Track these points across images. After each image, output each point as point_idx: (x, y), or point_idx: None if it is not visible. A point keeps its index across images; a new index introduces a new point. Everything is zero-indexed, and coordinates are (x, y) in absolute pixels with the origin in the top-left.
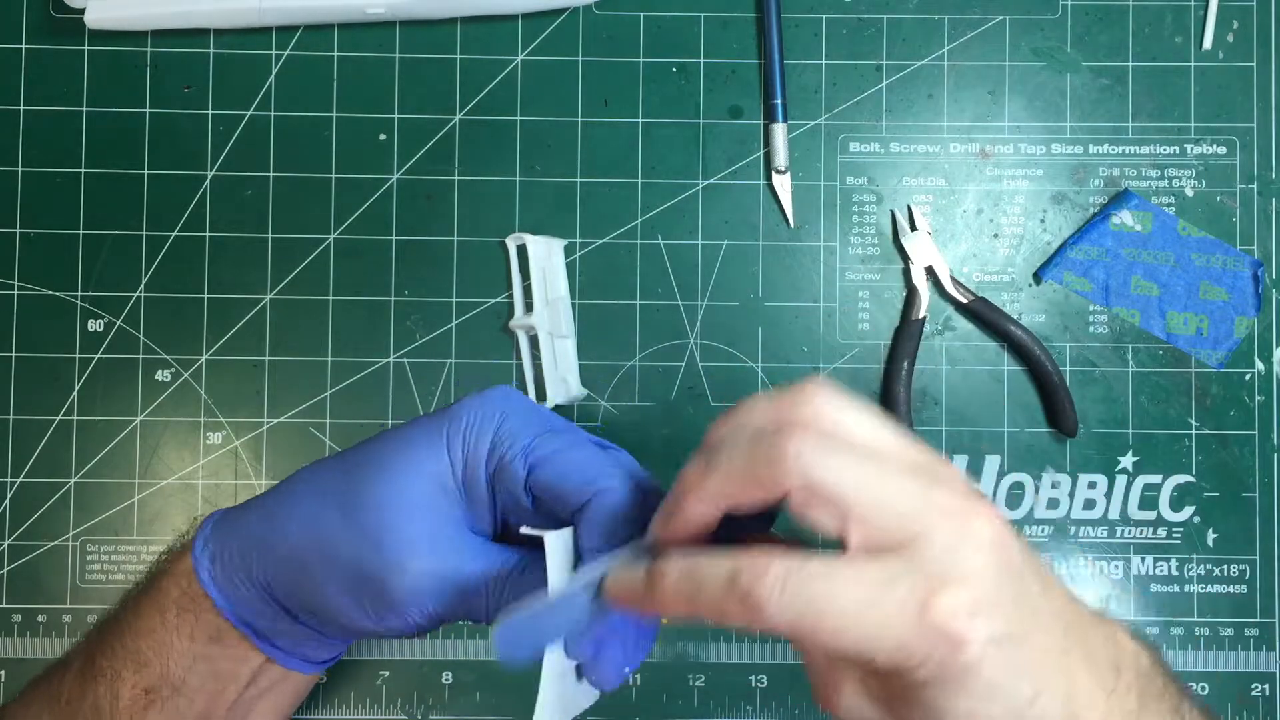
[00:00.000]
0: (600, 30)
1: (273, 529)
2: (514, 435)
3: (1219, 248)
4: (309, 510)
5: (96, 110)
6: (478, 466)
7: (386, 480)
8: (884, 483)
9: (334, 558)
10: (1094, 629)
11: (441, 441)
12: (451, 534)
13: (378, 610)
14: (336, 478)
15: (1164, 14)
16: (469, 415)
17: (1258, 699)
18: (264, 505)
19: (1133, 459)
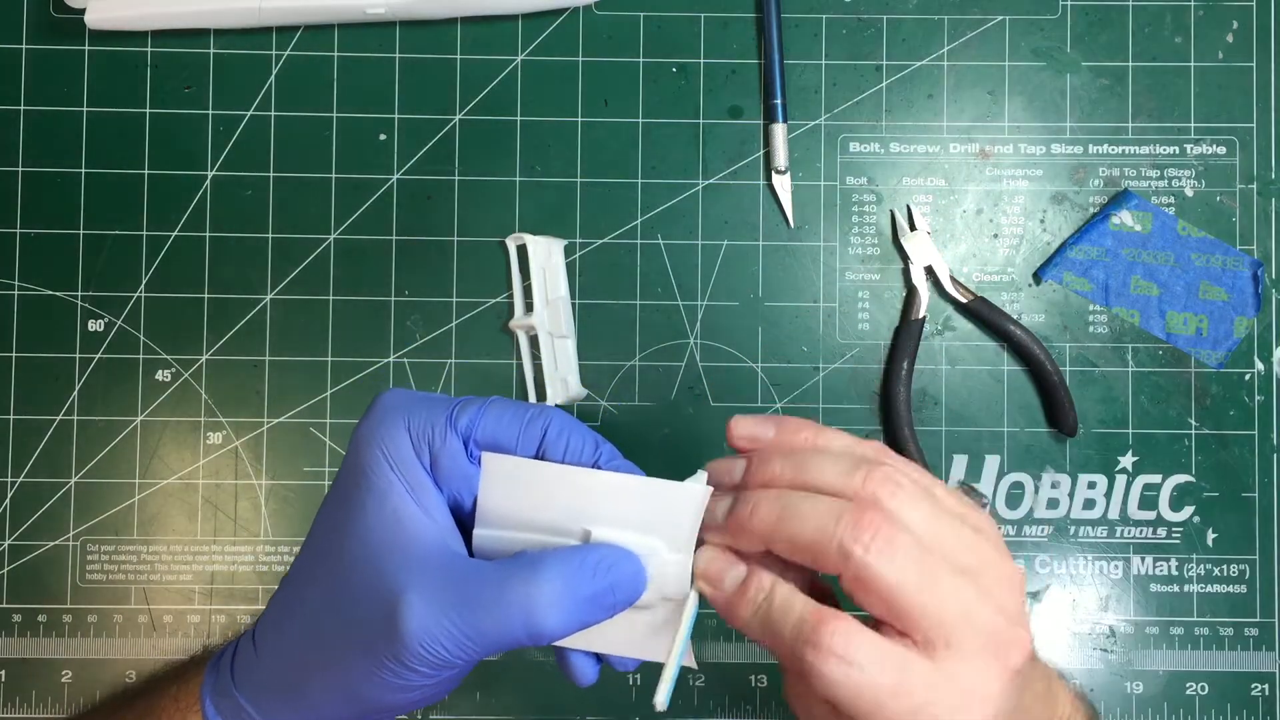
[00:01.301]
0: (600, 30)
1: (277, 659)
2: (430, 419)
3: (1219, 248)
4: (297, 621)
5: (96, 110)
6: (414, 469)
7: (352, 538)
8: (932, 591)
9: (341, 647)
10: (1037, 696)
11: (371, 474)
12: (432, 550)
13: (399, 661)
14: (305, 573)
15: (1164, 14)
16: (376, 431)
17: (1258, 699)
18: (259, 645)
19: (1132, 459)
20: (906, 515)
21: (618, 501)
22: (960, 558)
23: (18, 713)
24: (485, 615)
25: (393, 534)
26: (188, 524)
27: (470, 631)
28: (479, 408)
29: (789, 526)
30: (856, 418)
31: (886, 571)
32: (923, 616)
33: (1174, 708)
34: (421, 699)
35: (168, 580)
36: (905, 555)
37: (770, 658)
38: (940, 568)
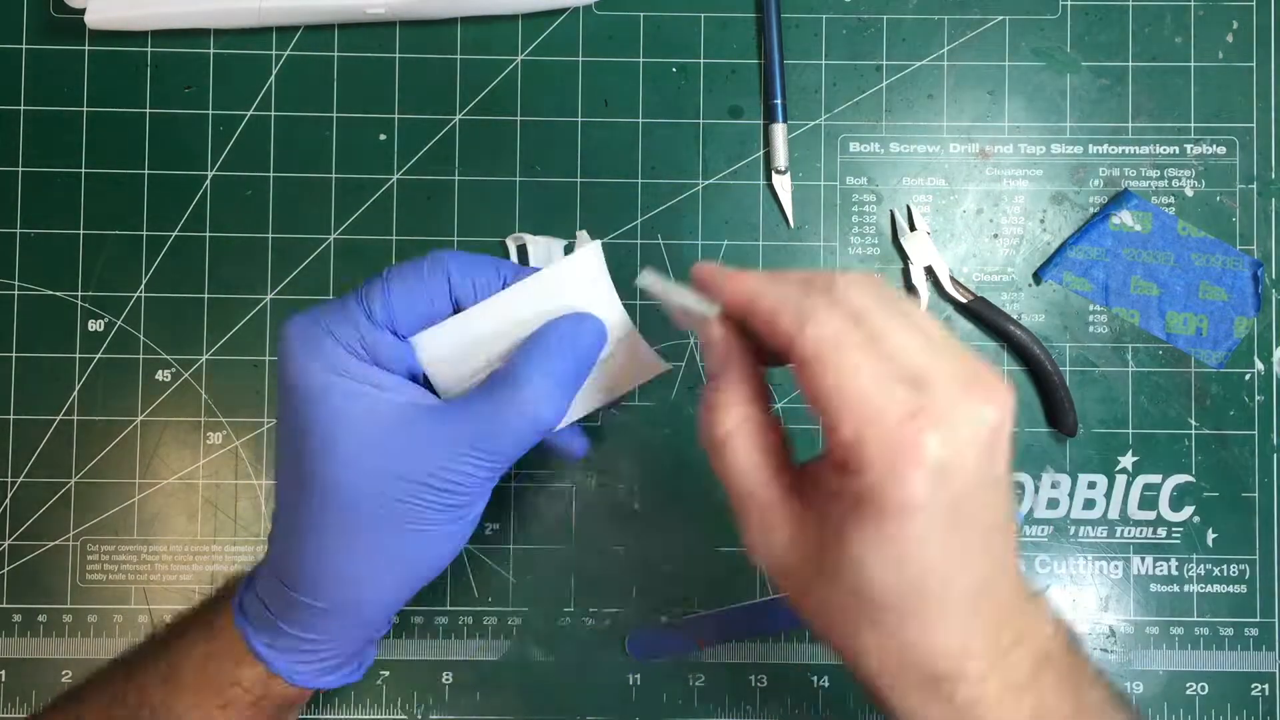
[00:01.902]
0: (600, 30)
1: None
2: (349, 324)
3: (1219, 248)
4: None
5: (96, 110)
6: (361, 368)
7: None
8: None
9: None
10: (1017, 598)
11: (326, 389)
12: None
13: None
14: (299, 498)
15: (1164, 14)
16: (308, 354)
17: (1258, 699)
18: (293, 579)
19: (1132, 459)
20: (889, 289)
21: (539, 301)
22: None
23: (18, 713)
24: (497, 435)
25: (379, 422)
26: (188, 524)
27: (490, 454)
28: (383, 290)
29: (769, 288)
30: None
31: (865, 298)
32: (898, 347)
33: (1174, 708)
34: (465, 535)
35: (168, 580)
36: (884, 299)
37: (771, 658)
38: (916, 325)
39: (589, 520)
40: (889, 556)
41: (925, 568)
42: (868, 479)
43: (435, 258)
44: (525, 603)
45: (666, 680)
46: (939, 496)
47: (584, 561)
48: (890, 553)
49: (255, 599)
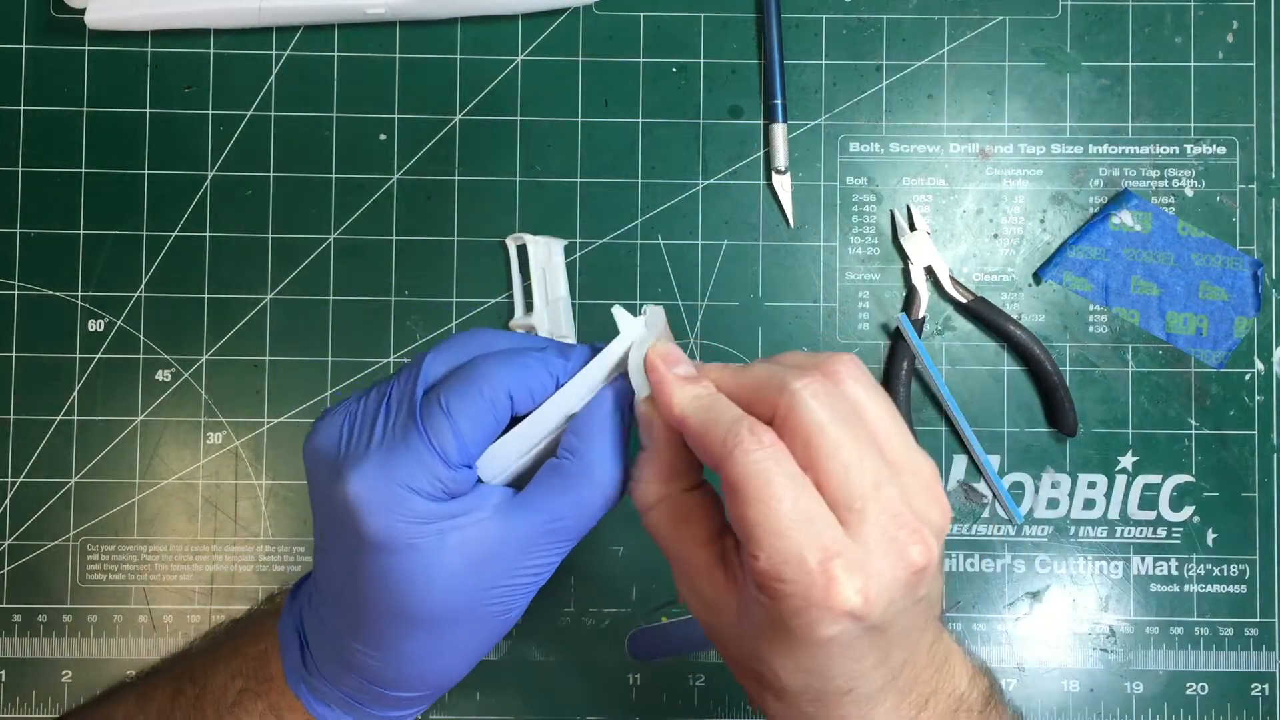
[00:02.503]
0: (600, 30)
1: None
2: (428, 474)
3: (1219, 248)
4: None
5: (96, 110)
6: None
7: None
8: (853, 450)
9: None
10: (930, 667)
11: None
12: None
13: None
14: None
15: (1164, 14)
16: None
17: (1258, 699)
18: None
19: (1132, 459)
20: (853, 388)
21: (587, 386)
22: (889, 445)
23: (18, 713)
24: (578, 523)
25: (472, 550)
26: (188, 524)
27: (571, 537)
28: (452, 429)
29: (747, 371)
30: None
31: (817, 413)
32: (838, 471)
33: (1174, 708)
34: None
35: (168, 580)
36: (839, 410)
37: None
38: (867, 439)
39: None
40: (796, 664)
41: (836, 678)
42: (782, 608)
43: (489, 370)
44: None
45: (666, 680)
46: (850, 629)
47: (584, 561)
48: (797, 662)
49: (308, 668)
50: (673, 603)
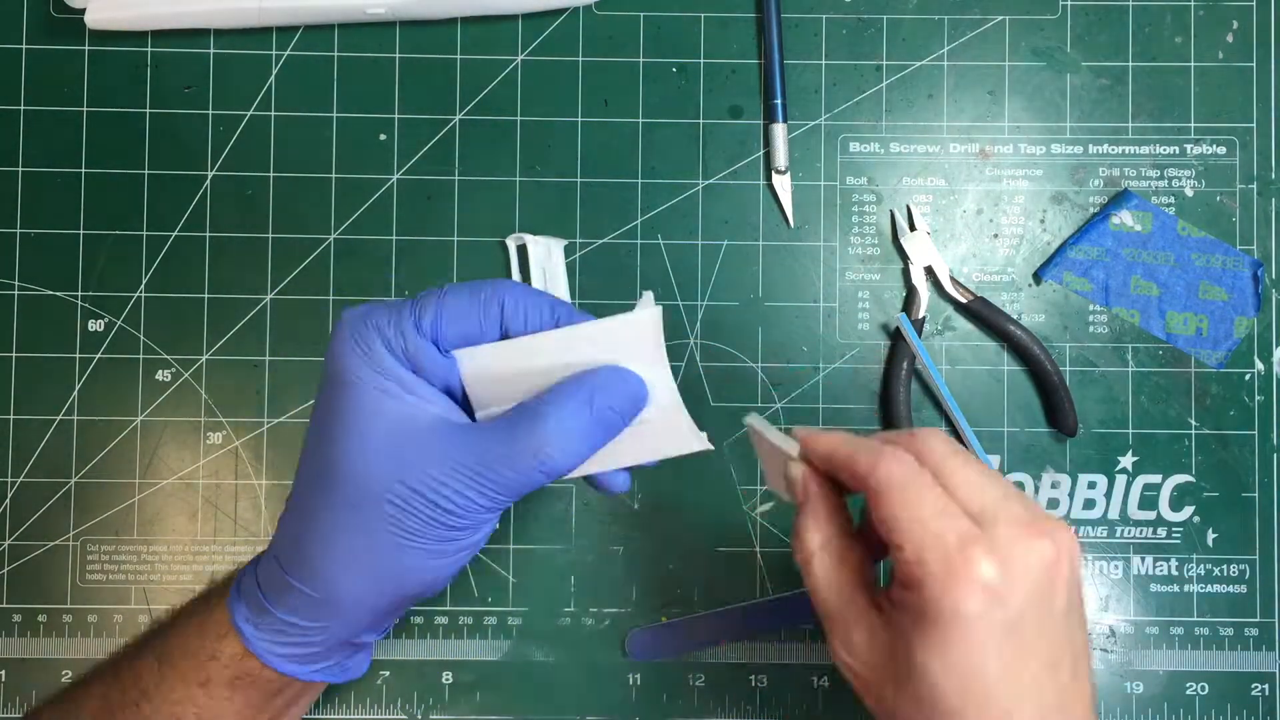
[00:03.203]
0: (600, 30)
1: (307, 571)
2: (397, 327)
3: (1219, 248)
4: (318, 531)
5: (96, 110)
6: (399, 370)
7: (356, 440)
8: (980, 476)
9: (371, 539)
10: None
11: (361, 383)
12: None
13: (440, 524)
14: (313, 488)
15: (1164, 14)
16: (353, 344)
17: (1258, 699)
18: (288, 561)
19: (1132, 459)
20: (935, 457)
21: (588, 348)
22: (977, 498)
23: (18, 713)
24: (503, 466)
25: (400, 425)
26: (188, 524)
27: (493, 484)
28: (437, 303)
29: (847, 442)
30: (856, 418)
31: (941, 446)
32: (966, 486)
33: (1174, 708)
34: (458, 562)
35: (168, 580)
36: (958, 453)
37: (770, 658)
38: (982, 468)
39: (589, 520)
40: (948, 663)
41: (985, 681)
42: (927, 594)
43: (495, 286)
44: (525, 603)
45: (666, 680)
46: (993, 614)
47: (584, 561)
48: (949, 659)
49: (253, 580)
50: (673, 603)
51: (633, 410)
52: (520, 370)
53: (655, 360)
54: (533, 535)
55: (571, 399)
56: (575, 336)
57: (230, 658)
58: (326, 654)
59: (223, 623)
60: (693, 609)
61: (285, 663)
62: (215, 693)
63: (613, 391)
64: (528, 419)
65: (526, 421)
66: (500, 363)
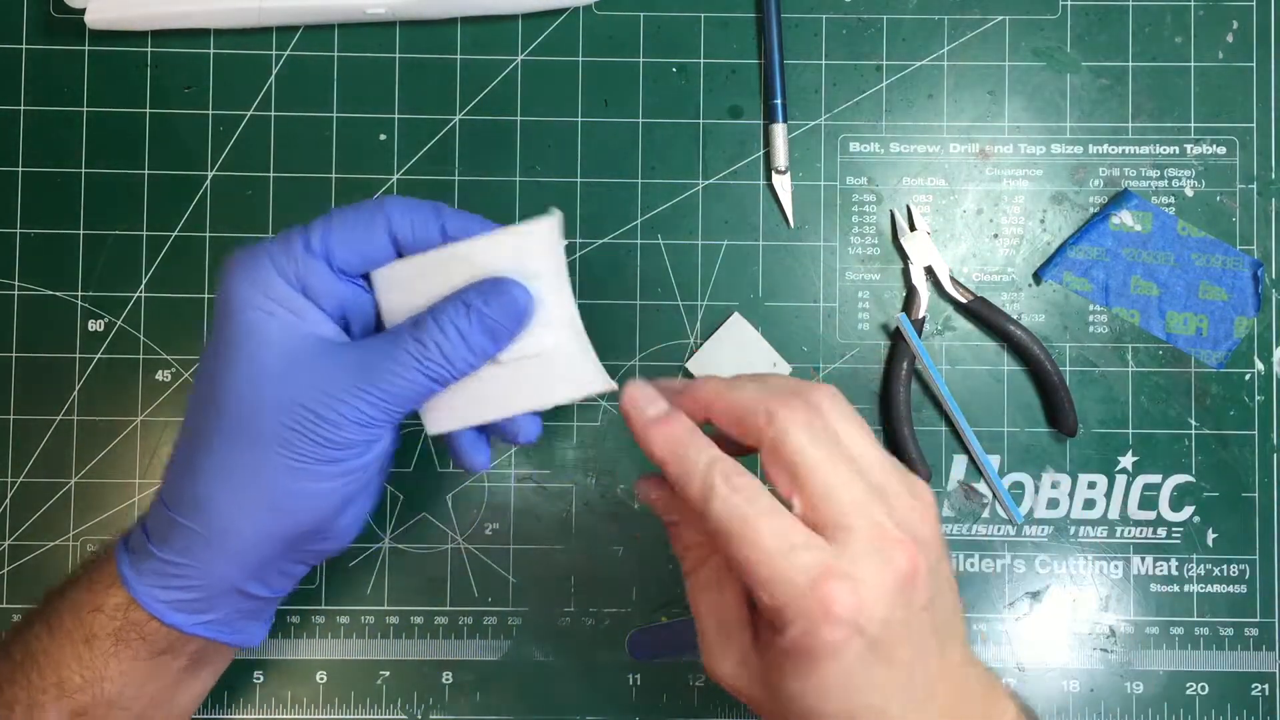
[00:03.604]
0: (600, 30)
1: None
2: (287, 252)
3: (1219, 248)
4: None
5: (96, 110)
6: (291, 296)
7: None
8: (834, 472)
9: (259, 459)
10: (963, 701)
11: (253, 310)
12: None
13: (326, 441)
14: (203, 416)
15: (1164, 14)
16: (246, 275)
17: (1258, 699)
18: (174, 499)
19: (1132, 459)
20: (834, 418)
21: (487, 258)
22: (871, 469)
23: None
24: (387, 373)
25: (288, 347)
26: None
27: (380, 393)
28: (324, 223)
29: (731, 393)
30: None
31: (800, 440)
32: (822, 492)
33: (1174, 708)
34: (350, 491)
35: None
36: (821, 435)
37: None
38: (848, 461)
39: (589, 520)
40: (822, 690)
41: (858, 699)
42: (791, 635)
43: (377, 203)
44: (525, 603)
45: (666, 680)
46: (855, 642)
47: (584, 561)
48: (822, 687)
49: (140, 530)
50: (673, 603)
51: (514, 318)
52: (425, 285)
53: (555, 274)
54: (533, 535)
55: (450, 304)
56: (475, 249)
57: (114, 608)
58: (212, 602)
59: (109, 573)
60: None
61: (169, 611)
62: (99, 648)
63: (490, 295)
64: (409, 325)
65: (408, 328)
66: (407, 278)
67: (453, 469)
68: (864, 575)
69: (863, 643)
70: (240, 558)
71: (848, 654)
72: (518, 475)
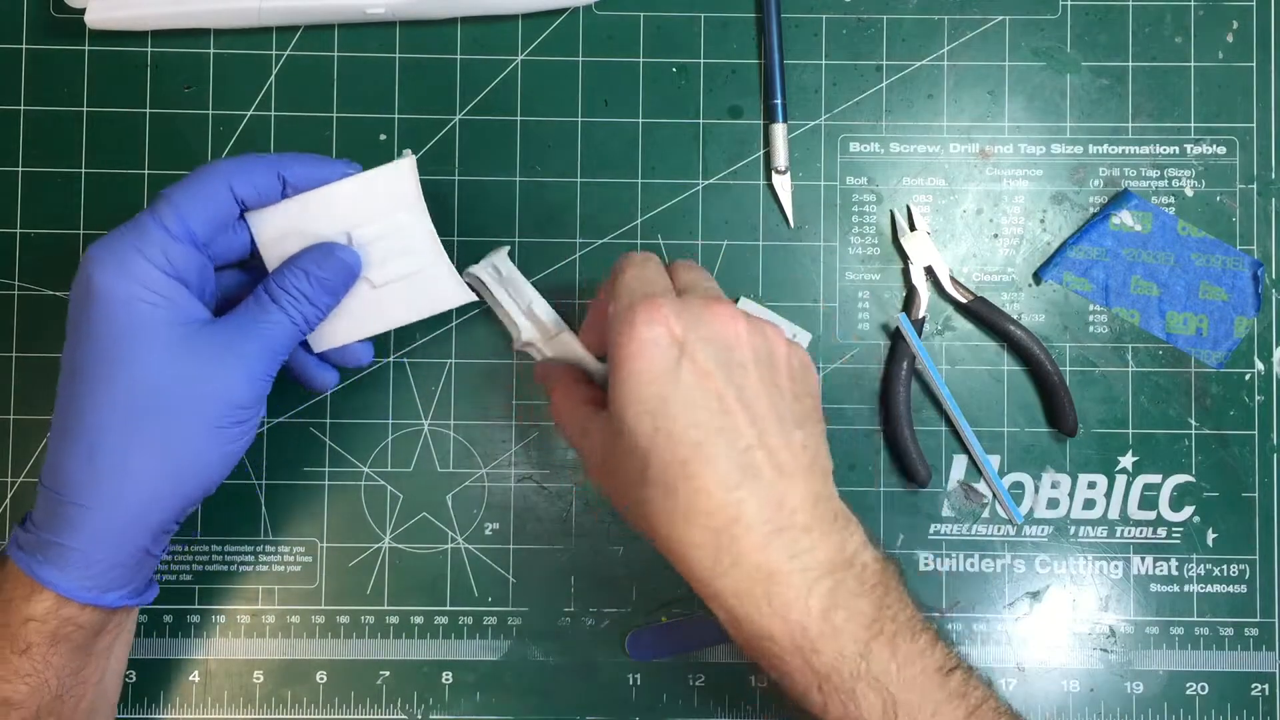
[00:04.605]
0: (600, 30)
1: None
2: (139, 230)
3: (1219, 248)
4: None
5: (96, 110)
6: (165, 282)
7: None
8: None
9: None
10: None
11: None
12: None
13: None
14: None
15: (1164, 14)
16: (111, 271)
17: (1258, 699)
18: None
19: (1132, 459)
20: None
21: (355, 202)
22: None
23: None
24: (266, 333)
25: (169, 332)
26: (187, 524)
27: (263, 349)
28: (171, 207)
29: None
30: (857, 418)
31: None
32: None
33: (1174, 708)
34: (247, 437)
35: (167, 580)
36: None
37: None
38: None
39: (589, 520)
40: (637, 396)
41: (670, 411)
42: (621, 334)
43: (215, 167)
44: (525, 603)
45: (666, 680)
46: (669, 347)
47: (584, 561)
48: (637, 391)
49: (29, 531)
50: (673, 603)
51: (346, 274)
52: (303, 227)
53: (414, 209)
54: (533, 535)
55: (289, 273)
56: (339, 193)
57: (45, 613)
58: (130, 572)
59: (22, 585)
60: (693, 609)
61: (95, 593)
62: (37, 654)
63: (323, 260)
64: (264, 294)
65: (265, 297)
66: (284, 222)
67: (453, 469)
68: (691, 308)
69: (674, 351)
70: (139, 523)
71: (658, 352)
72: (518, 475)
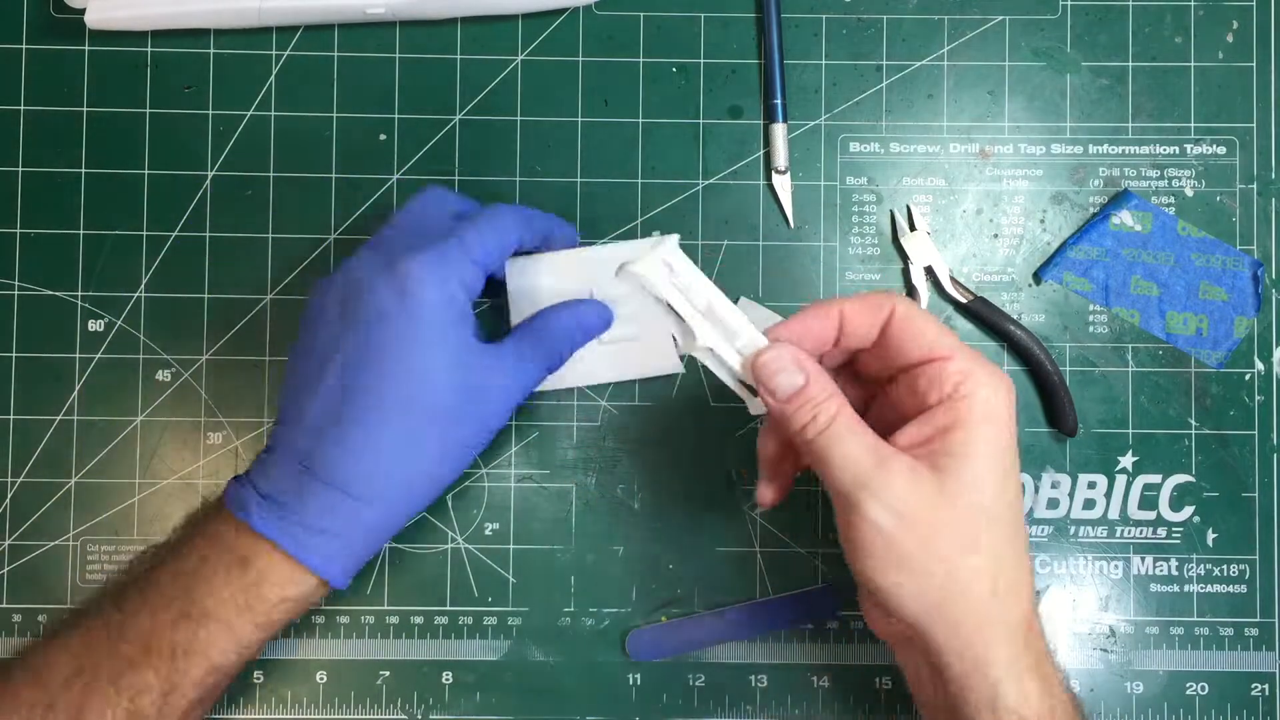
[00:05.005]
0: (600, 30)
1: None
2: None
3: (1219, 248)
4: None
5: (96, 110)
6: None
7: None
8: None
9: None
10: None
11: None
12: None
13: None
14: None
15: (1164, 14)
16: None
17: (1258, 699)
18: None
19: (1132, 459)
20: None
21: (602, 266)
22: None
23: None
24: (527, 372)
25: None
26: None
27: (522, 384)
28: (479, 239)
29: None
30: None
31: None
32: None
33: (1174, 708)
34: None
35: None
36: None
37: (770, 658)
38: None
39: (589, 520)
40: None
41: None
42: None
43: (519, 212)
44: (525, 603)
45: (666, 680)
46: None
47: (584, 561)
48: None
49: (283, 516)
50: (673, 603)
51: (593, 326)
52: (551, 282)
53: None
54: (533, 535)
55: (564, 326)
56: (598, 259)
57: (303, 595)
58: (362, 560)
59: (280, 566)
60: (693, 609)
61: (341, 576)
62: (269, 631)
63: (583, 315)
64: (537, 336)
65: (539, 339)
66: (536, 275)
67: None
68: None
69: (1009, 437)
70: (403, 524)
71: (999, 435)
72: (518, 475)
